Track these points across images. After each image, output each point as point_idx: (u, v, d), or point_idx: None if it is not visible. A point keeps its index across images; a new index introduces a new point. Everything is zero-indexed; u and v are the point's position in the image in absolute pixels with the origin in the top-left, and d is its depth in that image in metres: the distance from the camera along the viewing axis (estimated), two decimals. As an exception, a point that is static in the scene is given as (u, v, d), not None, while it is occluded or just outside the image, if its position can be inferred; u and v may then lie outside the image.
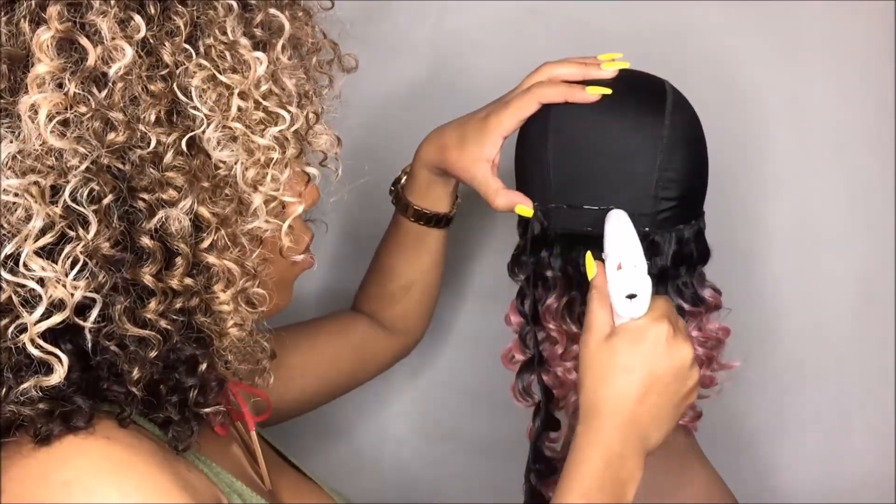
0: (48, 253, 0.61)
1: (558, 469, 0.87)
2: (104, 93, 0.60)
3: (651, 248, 0.82)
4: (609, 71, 0.84)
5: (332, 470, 1.19)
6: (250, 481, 0.76)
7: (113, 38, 0.60)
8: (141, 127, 0.61)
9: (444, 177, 0.93)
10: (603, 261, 0.78)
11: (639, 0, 1.07)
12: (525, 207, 0.84)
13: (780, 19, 1.07)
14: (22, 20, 0.61)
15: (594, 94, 0.82)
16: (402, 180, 0.97)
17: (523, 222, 0.87)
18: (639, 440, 0.75)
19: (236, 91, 0.63)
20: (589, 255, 0.79)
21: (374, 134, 1.13)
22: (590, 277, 0.79)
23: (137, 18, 0.61)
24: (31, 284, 0.60)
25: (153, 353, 0.64)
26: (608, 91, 0.82)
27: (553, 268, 0.85)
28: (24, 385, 0.61)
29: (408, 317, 1.04)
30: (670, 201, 0.82)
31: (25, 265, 0.60)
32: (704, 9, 1.08)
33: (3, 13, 0.61)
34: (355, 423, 1.22)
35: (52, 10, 0.60)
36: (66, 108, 0.60)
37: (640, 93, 0.84)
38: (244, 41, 0.64)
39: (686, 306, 0.85)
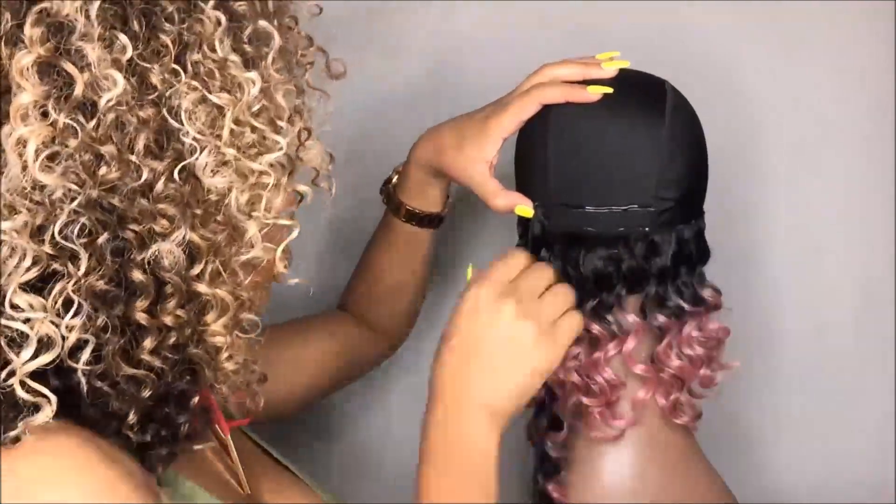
0: (34, 289, 0.58)
1: (561, 468, 0.87)
2: (92, 123, 0.57)
3: (651, 248, 0.82)
4: (609, 70, 0.83)
5: (332, 470, 1.19)
6: (224, 488, 0.75)
7: (101, 65, 0.57)
8: (132, 157, 0.58)
9: (438, 177, 0.92)
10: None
11: (639, 0, 1.07)
12: (525, 208, 0.84)
13: (780, 19, 1.07)
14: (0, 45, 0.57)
15: (595, 93, 0.82)
16: (394, 180, 0.97)
17: (523, 222, 0.87)
18: (471, 399, 0.74)
19: (228, 112, 0.60)
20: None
21: (372, 134, 1.13)
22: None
23: (123, 38, 0.57)
24: (18, 325, 0.57)
25: (147, 393, 0.61)
26: (609, 90, 0.82)
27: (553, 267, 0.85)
28: (14, 433, 0.58)
29: (395, 317, 1.03)
30: (670, 201, 0.82)
31: (12, 304, 0.57)
32: (704, 9, 1.08)
33: None
34: (355, 422, 1.22)
35: (35, 33, 0.56)
36: (54, 141, 0.56)
37: (640, 93, 0.84)
38: (234, 58, 0.61)
39: (686, 306, 0.84)
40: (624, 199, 0.82)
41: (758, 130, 1.10)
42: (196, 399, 0.65)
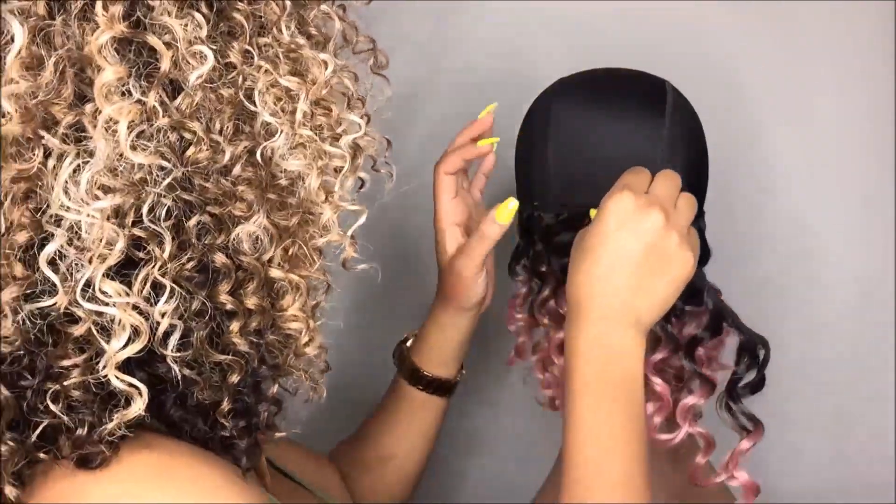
0: (119, 276, 0.56)
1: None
2: (178, 101, 0.55)
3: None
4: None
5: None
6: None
7: (186, 40, 0.55)
8: (217, 138, 0.57)
9: (458, 334, 0.90)
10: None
11: (639, 0, 1.07)
12: (507, 209, 0.82)
13: (781, 19, 1.07)
14: (74, 21, 0.55)
15: (486, 145, 0.86)
16: (409, 341, 0.93)
17: (524, 223, 0.87)
18: (621, 312, 0.71)
19: (301, 95, 0.59)
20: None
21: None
22: None
23: (198, 16, 0.56)
24: (112, 311, 0.55)
25: (235, 379, 0.60)
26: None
27: (553, 267, 0.85)
28: (111, 425, 0.56)
29: (378, 492, 0.94)
30: (670, 201, 0.82)
31: (101, 290, 0.55)
32: (704, 9, 1.08)
33: (57, 14, 0.55)
34: (356, 422, 1.22)
35: (115, 10, 0.54)
36: (142, 118, 0.55)
37: (640, 93, 0.84)
38: (302, 41, 0.60)
39: (686, 307, 0.84)
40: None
41: (758, 130, 1.10)
42: (275, 388, 0.64)
